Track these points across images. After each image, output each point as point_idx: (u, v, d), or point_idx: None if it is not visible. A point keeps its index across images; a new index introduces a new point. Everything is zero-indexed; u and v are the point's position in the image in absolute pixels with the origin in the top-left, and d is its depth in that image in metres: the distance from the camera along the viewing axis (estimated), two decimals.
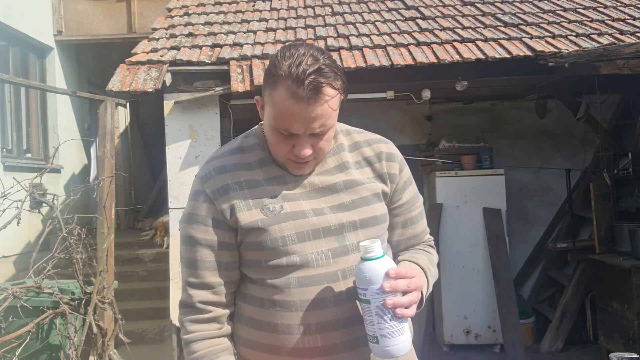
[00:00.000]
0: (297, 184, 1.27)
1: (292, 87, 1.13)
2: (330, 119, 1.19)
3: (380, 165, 1.33)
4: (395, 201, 1.35)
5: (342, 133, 1.37)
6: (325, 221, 1.24)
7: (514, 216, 5.57)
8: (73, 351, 3.52)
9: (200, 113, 4.31)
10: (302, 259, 1.21)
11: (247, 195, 1.24)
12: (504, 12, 5.19)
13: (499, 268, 4.81)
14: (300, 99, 1.13)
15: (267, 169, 1.28)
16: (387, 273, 1.10)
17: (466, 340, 4.96)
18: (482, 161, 5.05)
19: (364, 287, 1.11)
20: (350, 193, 1.27)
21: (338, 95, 1.20)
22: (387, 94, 4.41)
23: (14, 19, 6.20)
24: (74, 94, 4.88)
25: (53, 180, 6.44)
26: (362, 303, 1.13)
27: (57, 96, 6.84)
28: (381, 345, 1.11)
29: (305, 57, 1.15)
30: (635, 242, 4.14)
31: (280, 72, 1.15)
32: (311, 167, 1.27)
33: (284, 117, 1.17)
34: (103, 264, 3.87)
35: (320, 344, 1.19)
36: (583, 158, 5.55)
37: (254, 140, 1.33)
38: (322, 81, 1.14)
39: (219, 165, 1.29)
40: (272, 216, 1.22)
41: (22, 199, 3.62)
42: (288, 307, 1.20)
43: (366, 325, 1.13)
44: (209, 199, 1.25)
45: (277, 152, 1.25)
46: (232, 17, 5.45)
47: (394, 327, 1.10)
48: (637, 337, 3.97)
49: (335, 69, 1.18)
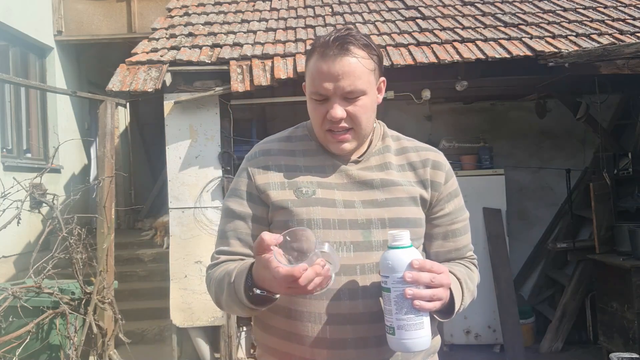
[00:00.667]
0: (335, 174, 1.29)
1: (322, 49, 1.21)
2: (361, 81, 1.21)
3: (424, 171, 1.33)
4: (437, 211, 1.33)
5: (392, 138, 1.39)
6: (353, 214, 1.24)
7: (514, 216, 5.57)
8: (73, 351, 3.52)
9: (200, 113, 4.31)
10: None
11: (284, 176, 1.29)
12: (504, 12, 5.19)
13: (499, 268, 4.81)
14: (328, 57, 1.20)
15: (309, 158, 1.31)
16: (410, 263, 1.08)
17: (466, 340, 4.96)
18: (482, 161, 5.05)
19: (386, 274, 1.10)
20: (386, 192, 1.27)
21: (370, 61, 1.23)
22: (387, 93, 4.41)
23: (14, 19, 6.20)
24: (74, 94, 4.88)
25: (53, 180, 6.44)
26: (383, 291, 1.12)
27: (57, 96, 6.84)
28: (397, 336, 1.09)
29: (338, 30, 1.25)
30: (635, 242, 4.14)
31: (316, 45, 1.25)
32: (352, 143, 1.27)
33: (315, 79, 1.22)
34: (103, 264, 3.87)
35: (329, 336, 1.19)
36: (583, 158, 5.55)
37: (302, 132, 1.37)
38: (349, 40, 1.21)
39: (265, 148, 1.35)
40: (304, 199, 1.24)
41: (22, 199, 3.62)
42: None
43: (385, 315, 1.12)
44: (249, 175, 1.31)
45: (315, 123, 1.28)
46: (232, 17, 5.45)
47: (412, 320, 1.08)
48: (637, 337, 3.97)
49: (368, 40, 1.25)
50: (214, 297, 1.28)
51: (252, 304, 1.14)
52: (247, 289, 1.13)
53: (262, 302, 1.15)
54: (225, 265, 1.26)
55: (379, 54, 1.27)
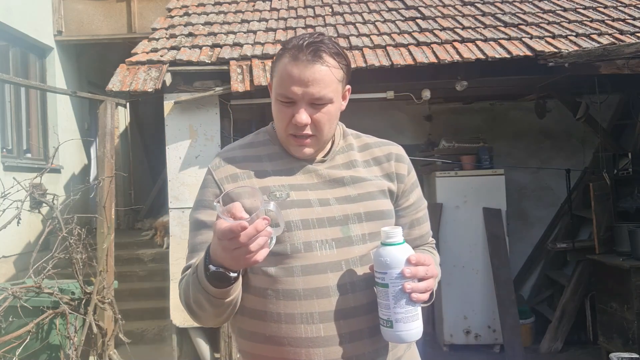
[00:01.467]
0: (305, 175, 1.30)
1: (294, 52, 1.22)
2: (329, 89, 1.23)
3: (388, 164, 1.37)
4: (403, 202, 1.37)
5: (353, 135, 1.42)
6: (330, 211, 1.25)
7: (514, 216, 5.57)
8: (73, 351, 3.52)
9: (200, 113, 4.31)
10: (306, 246, 1.22)
11: (255, 184, 1.27)
12: (504, 12, 5.19)
13: (498, 268, 4.81)
14: (299, 61, 1.20)
15: (276, 162, 1.32)
16: (408, 259, 1.13)
17: (466, 340, 4.96)
18: (482, 161, 5.05)
19: (383, 271, 1.13)
20: (357, 187, 1.30)
21: (339, 70, 1.25)
22: (387, 94, 4.42)
23: (14, 19, 6.20)
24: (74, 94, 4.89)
25: (53, 180, 6.44)
26: (379, 287, 1.15)
27: (57, 96, 6.84)
28: (395, 329, 1.13)
29: (310, 34, 1.25)
30: (635, 243, 4.14)
31: (287, 47, 1.25)
32: (312, 148, 1.29)
33: (284, 81, 1.23)
34: (103, 264, 3.87)
35: (323, 334, 1.20)
36: (583, 158, 5.56)
37: (264, 137, 1.38)
38: (322, 47, 1.22)
39: (229, 156, 1.34)
40: (279, 202, 1.23)
41: (22, 199, 3.62)
42: (291, 296, 1.20)
43: (381, 309, 1.15)
44: (217, 185, 1.29)
45: (279, 125, 1.28)
46: (232, 17, 5.45)
47: (409, 312, 1.13)
48: (636, 337, 3.97)
49: (339, 49, 1.26)
50: (184, 301, 1.24)
51: (212, 286, 1.11)
52: (206, 268, 1.11)
53: (221, 285, 1.11)
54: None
55: (348, 63, 1.28)
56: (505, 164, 5.36)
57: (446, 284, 4.97)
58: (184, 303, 1.25)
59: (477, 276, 4.98)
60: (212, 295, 1.13)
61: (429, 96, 4.41)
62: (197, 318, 1.25)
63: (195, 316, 1.24)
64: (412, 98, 4.47)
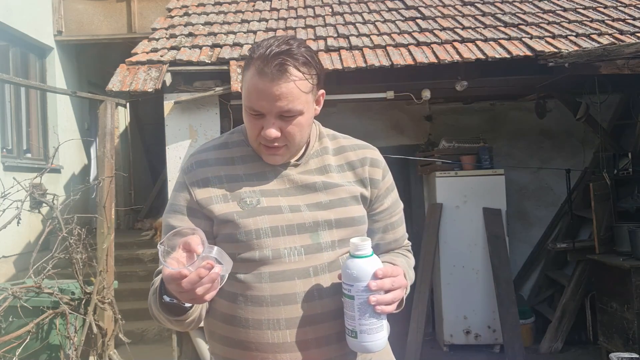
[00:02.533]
0: (277, 180, 1.29)
1: (260, 65, 1.18)
2: (298, 102, 1.20)
3: (362, 170, 1.34)
4: (377, 207, 1.36)
5: (329, 137, 1.39)
6: (300, 218, 1.25)
7: (514, 216, 5.57)
8: (73, 351, 3.52)
9: (200, 113, 4.31)
10: (275, 253, 1.22)
11: (226, 188, 1.27)
12: (504, 12, 5.19)
13: (498, 268, 4.81)
14: (265, 75, 1.17)
15: (249, 165, 1.30)
16: (375, 273, 1.12)
17: (466, 340, 4.96)
18: (482, 161, 5.05)
19: (350, 283, 1.13)
20: (329, 193, 1.29)
21: (307, 82, 1.21)
22: (387, 94, 4.41)
23: (14, 19, 6.20)
24: (74, 94, 4.88)
25: (53, 180, 6.44)
26: (345, 298, 1.15)
27: (57, 96, 6.84)
28: (359, 340, 1.15)
29: (278, 41, 1.20)
30: (635, 243, 4.14)
31: (253, 55, 1.21)
32: (284, 156, 1.28)
33: (251, 94, 1.20)
34: (103, 264, 3.87)
35: (290, 340, 1.21)
36: (583, 158, 5.55)
37: (239, 137, 1.35)
38: (289, 60, 1.17)
39: (202, 159, 1.32)
40: (249, 209, 1.24)
41: (22, 199, 3.62)
42: (259, 302, 1.21)
43: (346, 319, 1.16)
44: (188, 189, 1.28)
45: (250, 135, 1.27)
46: (232, 17, 5.45)
47: (374, 324, 1.14)
48: (636, 337, 3.97)
49: (308, 57, 1.21)
50: (151, 311, 1.27)
51: (167, 313, 1.16)
52: (160, 297, 1.15)
53: (176, 312, 1.16)
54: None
55: (319, 69, 1.24)
56: (505, 164, 5.36)
57: (446, 284, 4.97)
58: (151, 313, 1.27)
59: (477, 276, 4.98)
60: (171, 318, 1.17)
61: (429, 96, 4.41)
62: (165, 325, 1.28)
63: (162, 324, 1.28)
64: (412, 98, 4.47)
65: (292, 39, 1.22)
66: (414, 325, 4.75)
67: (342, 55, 4.29)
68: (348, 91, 4.51)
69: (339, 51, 4.37)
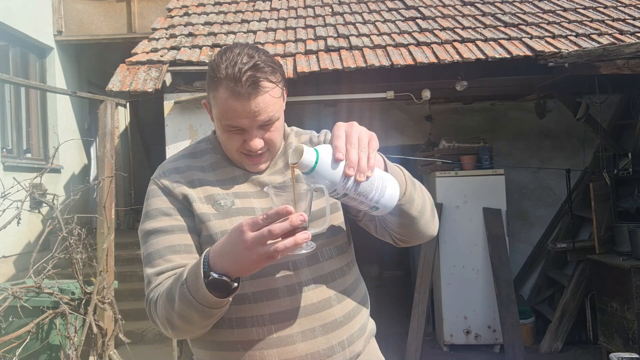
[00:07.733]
0: (249, 183, 1.31)
1: (231, 85, 1.18)
2: (273, 110, 1.23)
3: None
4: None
5: (294, 134, 1.42)
6: None
7: (514, 216, 5.57)
8: (73, 351, 3.52)
9: (200, 113, 4.31)
10: None
11: (200, 192, 1.28)
12: (504, 12, 5.19)
13: (498, 268, 4.81)
14: (240, 95, 1.18)
15: (219, 171, 1.32)
16: (336, 160, 1.07)
17: (466, 341, 4.96)
18: (482, 161, 5.05)
19: (332, 189, 1.09)
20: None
21: (279, 88, 1.24)
22: (387, 94, 4.42)
23: (14, 19, 6.20)
24: (74, 94, 4.88)
25: (53, 180, 6.44)
26: (341, 199, 1.13)
27: (57, 96, 6.84)
28: (381, 209, 1.14)
29: (240, 56, 1.19)
30: (635, 243, 4.14)
31: (219, 74, 1.19)
32: (266, 161, 1.31)
33: (228, 115, 1.21)
34: (103, 264, 3.87)
35: (275, 335, 1.21)
36: (583, 158, 5.55)
37: (206, 145, 1.38)
38: (259, 76, 1.18)
39: (173, 167, 1.33)
40: (223, 211, 1.25)
41: (22, 199, 3.62)
42: (241, 300, 1.21)
43: (362, 208, 1.15)
44: (167, 192, 1.28)
45: (230, 149, 1.28)
46: (232, 17, 5.45)
47: (377, 190, 1.11)
48: (636, 337, 3.97)
49: (272, 64, 1.22)
50: (163, 313, 1.16)
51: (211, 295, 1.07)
52: (205, 275, 1.06)
53: (220, 294, 1.08)
54: (171, 278, 1.18)
55: (282, 71, 1.27)
56: (505, 164, 5.36)
57: (446, 284, 4.97)
58: (163, 318, 1.17)
59: (477, 276, 4.98)
60: (206, 305, 1.09)
61: (429, 96, 4.41)
62: (175, 331, 1.19)
63: (173, 330, 1.18)
64: (412, 98, 4.47)
65: (249, 48, 1.22)
66: (414, 325, 4.75)
67: (342, 55, 4.29)
68: (348, 91, 4.51)
69: (339, 51, 4.37)
